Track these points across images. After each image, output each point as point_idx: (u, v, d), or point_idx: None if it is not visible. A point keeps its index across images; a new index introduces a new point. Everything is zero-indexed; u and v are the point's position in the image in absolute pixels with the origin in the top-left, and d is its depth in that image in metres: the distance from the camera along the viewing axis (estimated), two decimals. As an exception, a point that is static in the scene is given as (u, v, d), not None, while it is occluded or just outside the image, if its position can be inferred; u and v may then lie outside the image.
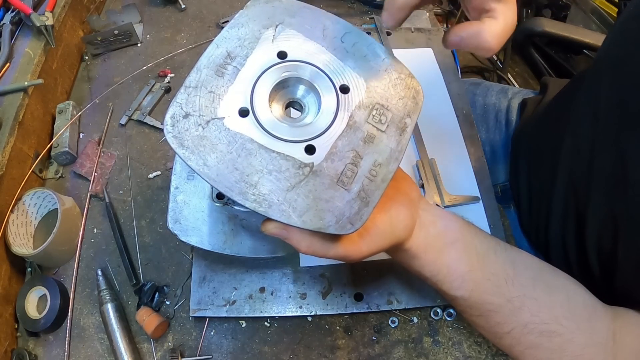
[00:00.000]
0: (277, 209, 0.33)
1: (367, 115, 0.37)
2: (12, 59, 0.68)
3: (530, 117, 0.74)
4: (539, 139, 0.67)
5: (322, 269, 0.60)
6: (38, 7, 0.73)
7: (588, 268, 0.55)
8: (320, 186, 0.34)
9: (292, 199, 0.34)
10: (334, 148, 0.36)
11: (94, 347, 0.57)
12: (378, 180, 0.36)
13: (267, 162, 0.34)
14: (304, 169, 0.35)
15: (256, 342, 0.57)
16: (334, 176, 0.35)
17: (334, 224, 0.34)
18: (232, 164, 0.34)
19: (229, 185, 0.33)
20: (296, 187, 0.34)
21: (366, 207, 0.35)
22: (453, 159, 0.69)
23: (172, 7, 0.88)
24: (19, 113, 0.63)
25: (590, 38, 1.15)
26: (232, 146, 0.34)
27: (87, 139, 0.72)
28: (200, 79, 0.36)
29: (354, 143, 0.36)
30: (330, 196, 0.34)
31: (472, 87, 0.86)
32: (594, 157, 0.51)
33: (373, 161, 0.36)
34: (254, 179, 0.34)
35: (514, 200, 0.73)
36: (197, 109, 0.35)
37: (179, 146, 0.34)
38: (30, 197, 0.61)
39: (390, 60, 0.41)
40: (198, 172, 0.33)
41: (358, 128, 0.37)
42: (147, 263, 0.62)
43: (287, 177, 0.34)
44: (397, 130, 0.38)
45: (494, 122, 0.81)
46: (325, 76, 0.38)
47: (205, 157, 0.34)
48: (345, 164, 0.36)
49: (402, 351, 0.57)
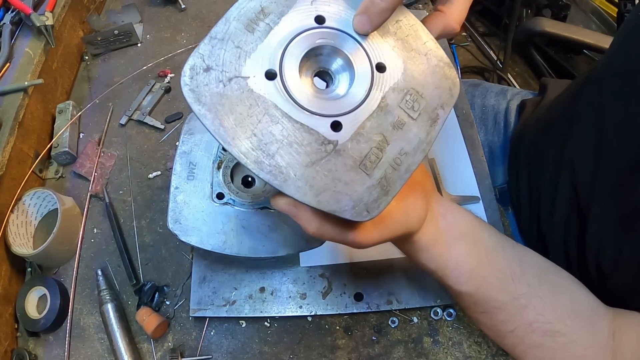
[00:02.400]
0: (292, 184, 0.31)
1: (400, 100, 0.35)
2: (12, 59, 0.68)
3: (529, 119, 0.73)
4: (540, 142, 0.67)
5: (322, 269, 0.60)
6: (38, 7, 0.73)
7: (588, 271, 0.55)
8: (342, 167, 0.32)
9: (310, 175, 0.32)
10: (362, 128, 0.33)
11: (94, 347, 0.57)
12: (402, 170, 0.34)
13: (289, 132, 0.32)
14: (327, 145, 0.32)
15: (256, 342, 0.57)
16: (357, 158, 0.33)
17: (350, 209, 0.32)
18: (251, 128, 0.31)
19: (244, 151, 0.31)
20: (316, 164, 0.32)
21: (385, 197, 0.33)
22: (453, 159, 0.69)
23: (172, 7, 0.88)
24: (19, 113, 0.63)
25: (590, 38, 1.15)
26: (254, 109, 0.32)
27: (87, 139, 0.72)
28: (228, 31, 0.33)
29: (383, 127, 0.34)
30: (351, 179, 0.32)
31: (471, 88, 0.86)
32: (599, 164, 0.51)
33: (400, 149, 0.34)
34: (272, 148, 0.31)
35: (512, 203, 0.72)
36: (220, 63, 0.32)
37: (195, 101, 0.31)
38: (30, 197, 0.61)
39: (432, 45, 0.38)
40: (213, 132, 0.31)
41: (389, 111, 0.34)
42: (147, 263, 0.62)
43: (309, 151, 0.32)
44: (429, 120, 0.35)
45: (492, 123, 0.81)
46: (363, 50, 0.36)
47: (222, 117, 0.31)
48: (370, 147, 0.33)
49: (402, 351, 0.57)
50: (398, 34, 0.37)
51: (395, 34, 0.37)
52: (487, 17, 1.82)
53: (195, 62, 0.32)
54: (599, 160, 0.51)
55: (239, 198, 0.52)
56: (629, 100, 0.46)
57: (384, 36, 0.36)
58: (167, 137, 0.72)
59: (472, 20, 1.84)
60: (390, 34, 0.37)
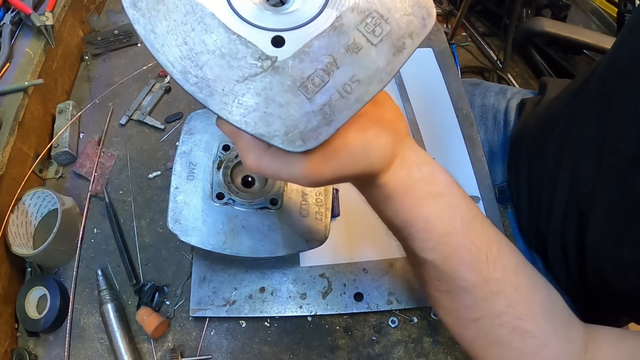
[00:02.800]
0: (218, 99, 0.28)
1: (360, 22, 0.31)
2: (12, 59, 0.68)
3: (529, 118, 0.73)
4: (540, 140, 0.67)
5: (322, 269, 0.60)
6: (38, 7, 0.73)
7: (586, 271, 0.55)
8: (278, 86, 0.29)
9: (239, 92, 0.29)
10: (308, 47, 0.30)
11: (94, 347, 0.57)
12: (351, 99, 0.30)
13: (222, 43, 0.29)
14: (265, 61, 0.29)
15: (256, 342, 0.57)
16: (298, 79, 0.29)
17: (281, 135, 0.29)
18: (182, 36, 0.29)
19: (172, 60, 0.29)
20: (248, 80, 0.29)
21: (327, 126, 0.29)
22: (453, 159, 0.69)
23: (172, 7, 0.88)
24: (19, 113, 0.63)
25: (590, 38, 1.15)
26: (189, 17, 0.29)
27: (87, 139, 0.72)
28: None
29: (334, 48, 0.30)
30: (287, 101, 0.29)
31: (471, 87, 0.86)
32: (601, 159, 0.51)
33: (351, 75, 0.30)
34: (202, 58, 0.29)
35: (512, 202, 0.72)
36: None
37: (131, 5, 0.29)
38: (30, 197, 0.61)
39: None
40: (143, 37, 0.29)
41: (344, 32, 0.31)
42: (147, 263, 0.62)
43: (242, 65, 0.29)
44: (392, 48, 0.31)
45: (492, 122, 0.81)
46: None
47: (155, 23, 0.29)
48: (315, 68, 0.30)
49: (402, 351, 0.57)
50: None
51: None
52: (487, 17, 1.82)
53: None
54: (602, 154, 0.50)
55: (239, 198, 0.52)
56: (635, 94, 0.46)
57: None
58: (167, 137, 0.72)
59: (472, 20, 1.84)
60: None
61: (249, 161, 0.33)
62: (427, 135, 0.70)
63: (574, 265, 0.58)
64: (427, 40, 0.83)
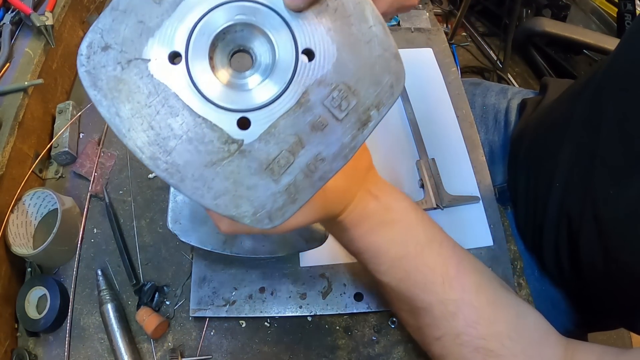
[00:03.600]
0: (190, 184, 0.29)
1: (326, 96, 0.30)
2: (12, 59, 0.68)
3: (529, 119, 0.73)
4: (538, 142, 0.67)
5: (322, 268, 0.60)
6: (38, 7, 0.73)
7: (580, 275, 0.55)
8: (245, 169, 0.29)
9: (209, 177, 0.29)
10: (274, 127, 0.29)
11: (94, 347, 0.57)
12: (315, 177, 0.30)
13: (189, 127, 0.29)
14: (231, 145, 0.29)
15: (256, 342, 0.57)
16: (264, 161, 0.29)
17: (250, 215, 0.29)
18: (148, 120, 0.28)
19: (140, 145, 0.28)
20: (217, 165, 0.29)
21: (292, 205, 0.30)
22: (453, 158, 0.69)
23: (172, 7, 0.88)
24: (19, 113, 0.63)
25: (590, 38, 1.15)
26: (153, 98, 0.28)
27: (87, 139, 0.72)
28: (132, 2, 0.29)
29: (300, 127, 0.30)
30: (254, 184, 0.29)
31: (472, 87, 0.86)
32: (594, 166, 0.50)
33: (316, 154, 0.30)
34: (170, 144, 0.28)
35: (512, 202, 0.73)
36: (120, 41, 0.28)
37: (91, 85, 0.28)
38: (30, 197, 0.61)
39: (379, 30, 0.31)
40: (108, 122, 0.28)
41: (309, 109, 0.30)
42: (147, 263, 0.62)
43: (210, 150, 0.29)
44: (357, 122, 0.31)
45: (493, 122, 0.81)
46: (289, 32, 0.30)
47: (118, 105, 0.28)
48: (281, 149, 0.30)
49: (402, 351, 0.57)
50: (338, 12, 0.31)
51: (334, 12, 0.31)
52: (487, 17, 1.82)
53: (94, 38, 0.28)
54: (594, 163, 0.51)
55: (238, 198, 0.51)
56: (628, 103, 0.46)
57: (320, 15, 0.30)
58: (167, 137, 0.72)
59: (472, 20, 1.84)
60: (328, 13, 0.30)
61: (223, 227, 0.35)
62: (427, 135, 0.70)
63: (567, 269, 0.58)
64: (427, 40, 0.83)
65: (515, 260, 0.64)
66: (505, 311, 0.39)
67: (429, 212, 0.64)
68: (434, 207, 0.63)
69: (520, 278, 0.63)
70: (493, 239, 0.63)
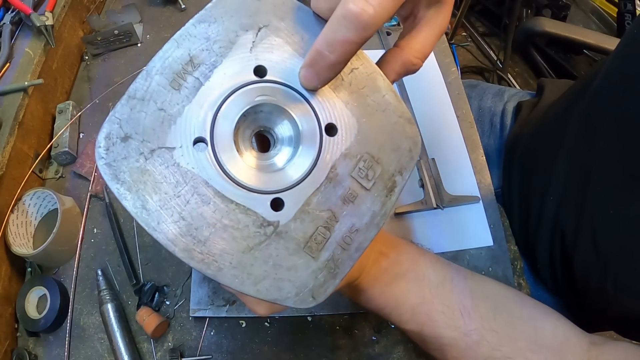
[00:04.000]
0: (228, 273, 0.27)
1: (353, 168, 0.30)
2: (12, 59, 0.68)
3: (525, 123, 0.73)
4: (533, 150, 0.66)
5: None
6: (38, 7, 0.73)
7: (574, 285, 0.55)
8: (284, 251, 0.29)
9: (247, 263, 0.28)
10: (307, 205, 0.29)
11: (94, 347, 0.57)
12: (352, 250, 0.30)
13: (222, 214, 0.28)
14: (267, 228, 0.28)
15: (256, 342, 0.57)
16: (302, 241, 0.29)
17: (292, 296, 0.29)
18: (178, 211, 0.27)
19: (172, 238, 0.27)
20: (254, 250, 0.28)
21: (333, 279, 0.30)
22: (453, 159, 0.69)
23: (172, 7, 0.88)
24: (19, 113, 0.63)
25: (590, 38, 1.15)
26: (181, 188, 0.27)
27: (87, 139, 0.72)
28: (150, 89, 0.28)
29: (332, 201, 0.30)
30: (294, 264, 0.29)
31: (468, 89, 0.86)
32: (588, 189, 0.50)
33: (350, 226, 0.30)
34: (204, 233, 0.27)
35: (505, 208, 0.72)
36: (140, 130, 0.27)
37: (113, 179, 0.26)
38: (30, 197, 0.61)
39: (392, 98, 0.32)
40: (136, 217, 0.27)
41: (339, 183, 0.30)
42: (147, 263, 0.62)
43: (245, 236, 0.28)
44: (384, 189, 0.31)
45: (488, 126, 0.81)
46: (310, 109, 0.30)
47: (145, 197, 0.27)
48: (317, 226, 0.29)
49: (402, 351, 0.57)
50: (353, 85, 0.32)
51: (349, 86, 0.32)
52: (487, 17, 1.82)
53: (112, 129, 0.27)
54: (590, 178, 0.50)
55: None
56: (622, 121, 0.45)
57: (337, 90, 0.31)
58: (167, 137, 0.72)
59: (472, 20, 1.84)
60: (344, 87, 0.31)
61: (261, 311, 0.35)
62: (427, 135, 0.69)
63: (561, 279, 0.58)
64: (427, 40, 0.83)
65: (515, 260, 0.64)
66: (523, 327, 0.40)
67: (429, 212, 0.64)
68: (434, 207, 0.63)
69: (521, 278, 0.63)
70: (493, 239, 0.63)
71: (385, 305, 0.41)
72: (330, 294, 0.30)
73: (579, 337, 0.40)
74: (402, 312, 0.41)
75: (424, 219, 0.64)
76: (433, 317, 0.40)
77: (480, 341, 0.39)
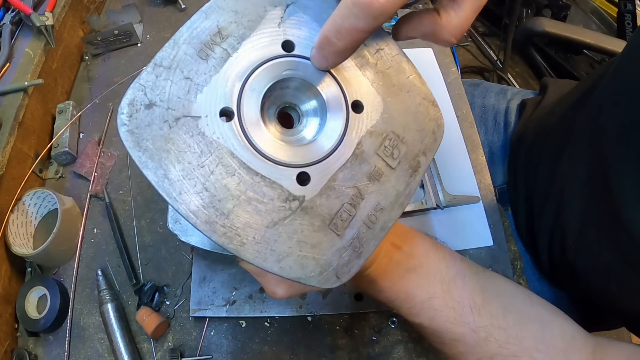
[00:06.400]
0: (251, 248, 0.27)
1: (379, 146, 0.30)
2: (12, 59, 0.68)
3: (529, 120, 0.73)
4: (538, 147, 0.67)
5: (322, 269, 0.60)
6: (38, 7, 0.73)
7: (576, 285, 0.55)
8: (309, 227, 0.28)
9: (271, 238, 0.27)
10: (333, 181, 0.29)
11: (94, 347, 0.57)
12: (377, 229, 0.30)
13: (247, 186, 0.27)
14: (292, 202, 0.28)
15: (256, 342, 0.57)
16: (327, 217, 0.28)
17: (316, 276, 0.28)
18: (201, 181, 0.26)
19: (194, 209, 0.26)
20: (279, 224, 0.27)
21: (357, 259, 0.29)
22: (453, 158, 0.69)
23: (172, 7, 0.88)
24: (19, 113, 0.63)
25: (590, 38, 1.15)
26: (205, 158, 0.26)
27: (87, 139, 0.72)
28: (176, 58, 0.28)
29: (357, 178, 0.30)
30: (318, 241, 0.28)
31: (471, 88, 0.86)
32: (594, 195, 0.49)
33: (375, 204, 0.30)
34: (227, 205, 0.26)
35: (511, 204, 0.72)
36: (165, 98, 0.27)
37: (135, 146, 0.26)
38: (30, 197, 0.61)
39: (416, 80, 0.33)
40: (156, 186, 0.26)
41: (365, 160, 0.30)
42: (147, 263, 0.62)
43: (270, 209, 0.27)
44: (409, 169, 0.31)
45: (492, 123, 0.81)
46: (337, 85, 0.30)
47: (167, 166, 0.26)
48: (342, 202, 0.29)
49: (402, 351, 0.57)
50: (379, 65, 0.32)
51: (375, 66, 0.32)
52: (487, 17, 1.82)
53: (136, 95, 0.27)
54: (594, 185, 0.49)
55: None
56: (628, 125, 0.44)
57: (363, 68, 0.31)
58: (167, 137, 0.72)
59: (472, 20, 1.84)
60: (370, 66, 0.32)
61: (281, 293, 0.35)
62: (427, 135, 0.70)
63: (564, 279, 0.58)
64: (427, 40, 0.83)
65: (515, 260, 0.64)
66: (531, 326, 0.40)
67: (429, 212, 0.64)
68: (434, 207, 0.63)
69: (521, 278, 0.63)
70: (493, 239, 0.63)
71: (396, 297, 0.41)
72: (354, 274, 0.29)
73: (584, 338, 0.40)
74: (412, 305, 0.41)
75: (424, 219, 0.64)
76: (443, 312, 0.40)
77: (488, 338, 0.39)
